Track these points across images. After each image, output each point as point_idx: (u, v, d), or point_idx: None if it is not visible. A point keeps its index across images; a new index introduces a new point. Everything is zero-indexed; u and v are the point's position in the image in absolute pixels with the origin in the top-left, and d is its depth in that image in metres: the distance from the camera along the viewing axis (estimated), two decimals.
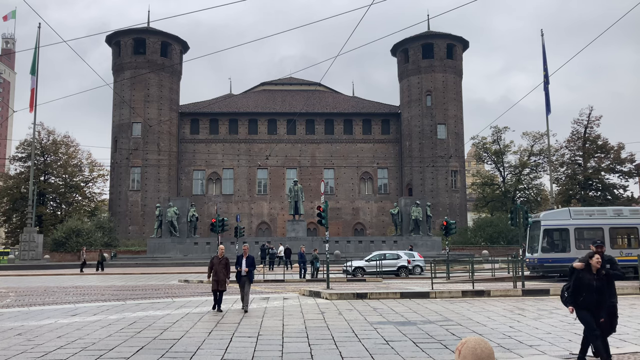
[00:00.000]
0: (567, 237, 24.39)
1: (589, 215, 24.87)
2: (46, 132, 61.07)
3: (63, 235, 50.98)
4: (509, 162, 62.37)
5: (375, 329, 11.38)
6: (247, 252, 14.54)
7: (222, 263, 14.09)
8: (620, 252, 23.98)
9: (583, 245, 24.35)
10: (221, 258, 14.18)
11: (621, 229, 24.97)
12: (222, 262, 14.11)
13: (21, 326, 11.94)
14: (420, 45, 62.60)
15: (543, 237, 24.65)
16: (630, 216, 24.83)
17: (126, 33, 60.41)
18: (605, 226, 24.32)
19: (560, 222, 24.68)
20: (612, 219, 24.54)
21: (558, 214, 25.82)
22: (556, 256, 23.88)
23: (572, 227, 24.12)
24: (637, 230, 24.44)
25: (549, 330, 11.12)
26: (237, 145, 64.16)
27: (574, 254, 23.59)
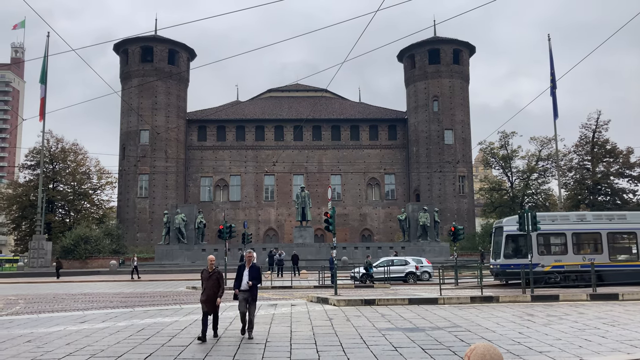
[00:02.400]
0: (529, 243, 24.01)
1: (551, 221, 24.27)
2: (55, 140, 61.54)
3: (72, 243, 51.20)
4: (516, 167, 62.11)
5: (384, 335, 11.34)
6: (251, 261, 11.33)
7: (212, 278, 10.99)
8: (584, 257, 23.65)
9: (546, 250, 24.15)
10: (211, 272, 11.09)
11: (584, 234, 24.43)
12: (212, 276, 11.01)
13: (30, 333, 11.99)
14: (426, 50, 62.62)
15: (506, 243, 24.35)
16: (593, 221, 24.30)
17: (134, 41, 60.85)
18: (568, 232, 23.84)
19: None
20: (576, 224, 24.04)
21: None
22: (518, 262, 23.50)
23: (535, 233, 23.33)
24: (601, 235, 23.89)
25: (559, 336, 11.03)
26: (244, 151, 64.33)
27: (536, 259, 23.44)
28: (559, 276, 23.43)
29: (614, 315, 14.15)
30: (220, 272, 11.15)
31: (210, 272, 11.09)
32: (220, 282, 11.01)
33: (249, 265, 11.23)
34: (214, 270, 11.13)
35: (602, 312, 15.00)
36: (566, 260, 23.44)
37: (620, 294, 18.79)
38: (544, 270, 23.45)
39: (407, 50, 64.05)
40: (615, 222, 24.49)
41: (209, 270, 11.13)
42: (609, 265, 23.13)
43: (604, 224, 24.17)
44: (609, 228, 24.09)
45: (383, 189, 64.70)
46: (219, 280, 11.02)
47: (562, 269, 23.36)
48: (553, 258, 23.56)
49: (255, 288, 11.14)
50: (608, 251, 23.76)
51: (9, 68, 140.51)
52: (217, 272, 11.10)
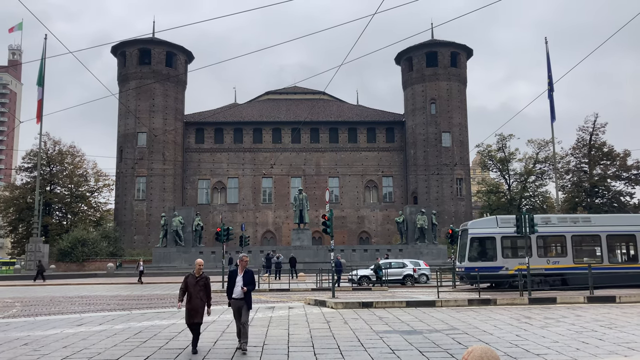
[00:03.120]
0: (494, 246, 23.93)
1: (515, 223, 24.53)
2: (52, 143, 61.45)
3: (69, 245, 51.10)
4: (514, 170, 62.22)
5: (381, 338, 11.33)
6: (245, 266, 10.15)
7: (199, 284, 9.86)
8: (548, 260, 23.64)
9: (510, 253, 24.07)
10: (199, 277, 9.94)
11: (549, 237, 24.38)
12: (199, 282, 9.88)
13: (27, 336, 11.95)
14: (424, 53, 62.73)
15: (470, 246, 24.29)
16: (558, 224, 24.25)
17: (131, 43, 60.83)
18: (532, 235, 23.57)
19: (487, 231, 24.17)
20: (540, 227, 23.77)
21: (486, 223, 25.27)
22: (483, 265, 23.49)
23: (499, 236, 23.66)
24: (565, 238, 23.85)
25: (556, 339, 11.04)
26: (242, 154, 64.31)
27: (501, 262, 23.56)
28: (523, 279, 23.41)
29: (611, 318, 14.17)
30: (208, 278, 10.02)
31: (197, 277, 9.88)
32: (208, 287, 9.89)
33: (243, 270, 10.08)
34: (202, 275, 9.98)
35: (600, 314, 15.02)
36: (531, 263, 23.13)
37: (617, 296, 18.82)
38: (508, 273, 23.40)
39: (404, 53, 64.15)
40: (580, 225, 24.46)
41: (195, 275, 9.90)
42: (573, 269, 23.06)
43: (569, 227, 24.09)
44: (573, 231, 24.03)
45: (381, 191, 64.72)
46: (207, 285, 9.86)
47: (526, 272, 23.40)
48: (517, 261, 23.44)
49: (249, 295, 10.07)
50: (572, 254, 23.66)
51: (6, 70, 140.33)
52: (205, 277, 9.96)
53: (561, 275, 23.49)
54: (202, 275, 10.02)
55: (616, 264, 23.61)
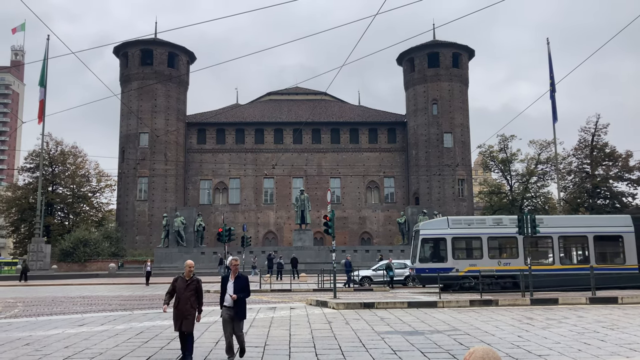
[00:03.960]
0: (445, 247, 23.77)
1: (467, 225, 24.07)
2: (54, 143, 61.56)
3: (71, 246, 51.17)
4: (516, 171, 62.15)
5: (383, 338, 11.33)
6: (236, 270, 9.14)
7: (190, 288, 8.80)
8: (499, 262, 23.50)
9: (461, 255, 23.95)
10: (189, 280, 8.87)
11: (500, 238, 24.14)
12: (190, 286, 8.82)
13: (29, 336, 11.97)
14: (426, 54, 62.70)
15: (421, 247, 24.18)
16: (509, 225, 23.88)
17: (134, 44, 60.89)
18: (483, 236, 23.61)
19: (438, 232, 24.01)
20: (491, 228, 23.78)
21: (437, 224, 25.06)
22: (433, 266, 23.41)
23: (450, 237, 23.49)
24: (517, 240, 23.51)
25: (558, 340, 11.03)
26: (243, 154, 64.33)
27: (451, 264, 23.43)
28: (473, 281, 23.23)
29: (613, 319, 14.15)
30: (200, 281, 8.98)
31: (187, 280, 8.85)
32: (200, 292, 8.85)
33: (235, 276, 9.05)
34: (192, 278, 8.92)
35: (601, 315, 15.00)
36: (481, 265, 23.22)
37: (619, 297, 18.79)
38: (458, 275, 23.32)
39: (406, 54, 64.12)
40: None
41: (185, 278, 8.87)
42: (525, 270, 22.78)
43: None
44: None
45: (382, 192, 64.69)
46: (198, 289, 8.82)
47: (477, 274, 23.05)
48: (468, 262, 23.36)
49: (242, 303, 8.99)
50: (524, 255, 23.41)
51: (9, 71, 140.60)
52: (196, 280, 8.90)
53: (512, 276, 23.25)
54: (193, 278, 8.94)
55: (568, 266, 23.33)
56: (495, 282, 23.28)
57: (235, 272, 9.09)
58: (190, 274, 8.97)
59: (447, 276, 23.39)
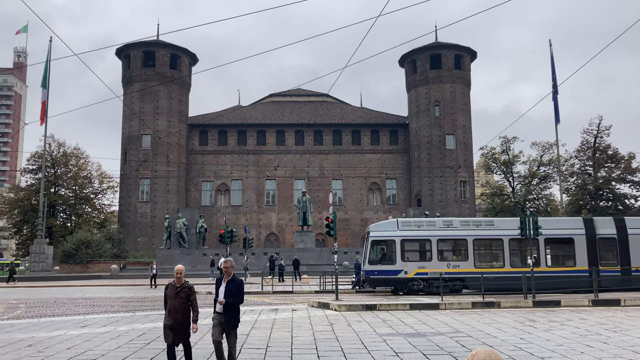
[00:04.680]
0: (394, 249, 23.57)
1: (417, 227, 23.87)
2: (57, 145, 61.67)
3: (73, 247, 51.23)
4: (518, 172, 62.08)
5: (385, 340, 11.32)
6: (230, 272, 8.29)
7: (180, 295, 8.02)
8: (448, 264, 23.36)
9: (410, 257, 23.76)
10: (179, 287, 8.07)
11: (450, 240, 23.96)
12: (180, 293, 8.03)
13: (31, 337, 11.98)
14: (428, 56, 62.69)
15: (371, 249, 23.99)
16: (460, 227, 23.84)
17: (136, 46, 61.01)
18: (433, 238, 23.43)
19: (387, 234, 23.83)
20: (441, 230, 23.59)
21: (387, 225, 24.88)
22: (382, 268, 23.32)
23: (399, 239, 23.31)
24: (467, 242, 23.45)
25: (561, 342, 11.00)
26: (245, 156, 64.38)
27: (400, 266, 23.24)
28: (422, 283, 23.15)
29: (616, 321, 14.12)
30: (192, 287, 8.12)
31: (178, 287, 8.06)
32: (192, 299, 8.02)
33: (228, 278, 8.25)
34: (183, 284, 8.09)
35: (604, 317, 14.96)
36: (430, 267, 23.08)
37: (622, 299, 18.75)
38: (407, 277, 23.18)
39: (408, 56, 64.13)
40: (482, 229, 24.08)
41: (175, 285, 8.07)
42: (475, 273, 22.72)
43: (471, 230, 23.68)
44: (475, 234, 23.65)
45: (384, 193, 64.68)
46: (190, 297, 8.00)
47: (425, 276, 23.08)
48: (417, 265, 23.21)
49: (234, 310, 8.13)
50: (474, 258, 23.35)
51: (11, 72, 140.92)
52: (188, 287, 8.08)
53: (462, 279, 23.17)
54: (184, 285, 8.08)
55: (519, 269, 22.99)
56: (444, 284, 22.99)
57: (228, 275, 8.27)
58: (181, 280, 8.13)
59: (395, 279, 23.38)
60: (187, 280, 8.22)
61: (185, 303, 7.98)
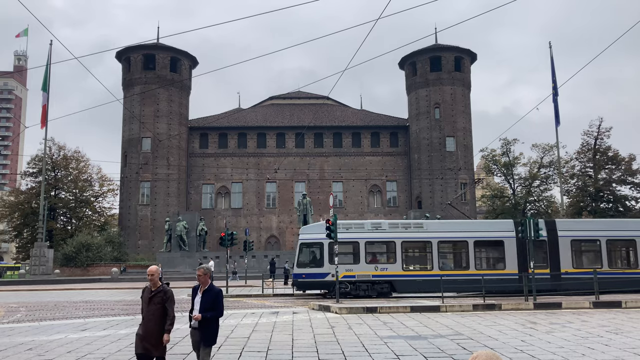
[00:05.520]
0: (322, 252, 23.51)
1: (346, 229, 23.51)
2: (57, 148, 61.63)
3: (73, 250, 51.19)
4: (518, 174, 61.99)
5: (386, 343, 11.30)
6: (206, 282, 7.32)
7: (154, 301, 7.07)
8: (376, 267, 23.24)
9: (338, 259, 23.37)
10: (155, 291, 7.10)
11: (378, 243, 23.79)
12: (154, 298, 7.08)
13: (32, 341, 11.97)
14: (428, 58, 62.74)
15: (300, 251, 23.99)
16: (389, 230, 23.73)
17: (136, 49, 61.06)
18: (361, 240, 23.28)
19: (316, 236, 23.65)
20: (370, 232, 23.46)
21: (316, 228, 24.69)
22: (310, 271, 23.28)
23: (327, 242, 23.06)
24: (395, 244, 23.31)
25: (562, 344, 10.98)
26: (246, 159, 64.39)
27: (327, 268, 23.13)
28: (349, 286, 23.04)
29: (617, 323, 14.09)
30: (168, 291, 7.08)
31: (153, 291, 7.07)
32: (168, 307, 7.02)
33: (204, 287, 7.25)
34: (159, 288, 7.07)
35: (605, 319, 14.94)
36: (358, 270, 22.99)
37: (623, 301, 18.72)
38: (334, 280, 22.80)
39: (408, 58, 64.18)
40: (411, 231, 23.91)
41: (151, 288, 7.11)
42: (403, 276, 22.69)
43: (400, 232, 23.53)
44: (404, 237, 23.53)
45: (385, 196, 64.66)
46: (165, 304, 7.01)
47: (353, 279, 22.98)
48: (344, 267, 23.04)
49: (209, 325, 7.15)
50: (402, 261, 23.21)
51: (11, 76, 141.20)
52: (164, 291, 7.04)
53: (390, 282, 23.07)
54: (160, 289, 7.08)
55: (448, 271, 23.01)
56: (372, 287, 23.07)
57: (204, 284, 7.25)
58: (157, 284, 7.12)
59: (322, 282, 23.34)
60: (167, 283, 7.28)
61: (159, 310, 6.98)
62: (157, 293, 7.05)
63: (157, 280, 7.13)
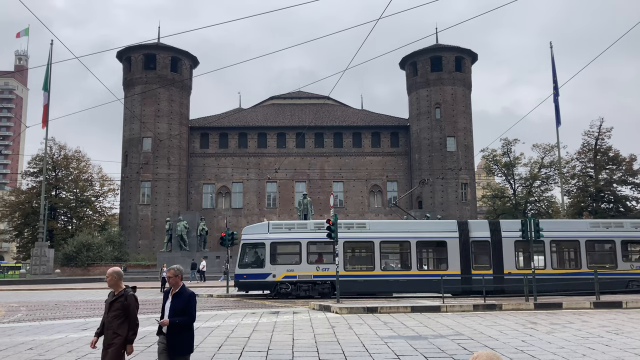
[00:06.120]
0: (263, 252, 23.43)
1: (288, 229, 23.64)
2: (57, 147, 61.67)
3: (74, 250, 51.21)
4: (519, 175, 62.00)
5: (386, 343, 11.30)
6: (177, 284, 6.53)
7: (115, 307, 6.39)
8: (317, 267, 23.21)
9: (279, 260, 23.48)
10: (117, 295, 6.48)
11: (320, 243, 23.67)
12: (115, 304, 6.41)
13: (32, 340, 11.98)
14: (428, 58, 62.72)
15: (242, 252, 23.91)
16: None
17: (137, 49, 61.07)
18: (303, 240, 23.28)
19: (258, 237, 23.72)
20: (313, 232, 23.46)
21: (258, 228, 24.66)
22: (251, 272, 23.20)
23: (268, 242, 23.16)
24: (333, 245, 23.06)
25: (563, 344, 10.98)
26: (246, 159, 64.40)
27: (268, 269, 23.11)
28: (290, 286, 23.02)
29: (618, 324, 14.09)
30: (131, 297, 6.41)
31: (115, 295, 6.45)
32: (130, 314, 6.34)
33: (176, 289, 6.49)
34: (122, 292, 6.43)
35: (606, 320, 14.93)
36: (299, 270, 22.98)
37: (624, 302, 18.71)
38: (275, 281, 23.02)
39: (409, 58, 64.16)
40: (353, 231, 23.84)
41: (114, 292, 6.50)
42: (345, 276, 22.61)
43: (342, 233, 23.27)
44: (347, 237, 23.39)
45: (385, 196, 64.64)
46: (126, 311, 6.32)
47: (294, 279, 22.92)
48: (286, 268, 23.02)
49: (179, 332, 6.31)
50: (344, 260, 23.12)
51: (12, 76, 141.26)
52: (126, 296, 6.37)
53: (332, 282, 22.92)
54: (122, 293, 6.41)
55: (390, 272, 22.93)
56: (313, 287, 23.01)
57: (175, 287, 6.47)
58: (120, 288, 6.44)
59: (263, 282, 23.30)
60: (133, 287, 6.55)
61: (119, 317, 6.26)
62: (118, 298, 6.37)
63: (119, 284, 6.46)
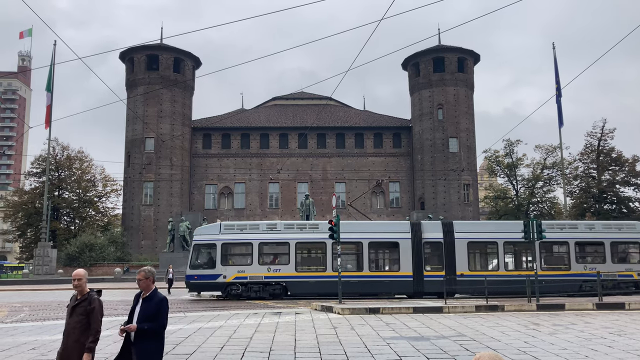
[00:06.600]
0: (214, 253, 23.34)
1: (240, 230, 23.62)
2: (60, 148, 61.81)
3: (76, 250, 51.30)
4: (521, 176, 61.91)
5: (388, 344, 11.29)
6: (148, 287, 5.98)
7: (77, 312, 5.91)
8: (269, 268, 23.13)
9: (230, 261, 23.40)
10: (80, 299, 5.96)
11: (272, 244, 23.75)
12: (77, 308, 5.93)
13: (35, 340, 12.00)
14: (431, 59, 62.69)
15: (193, 252, 23.83)
16: (283, 231, 23.67)
17: (140, 49, 61.18)
18: (255, 241, 23.25)
19: (209, 237, 23.64)
20: (264, 233, 23.46)
21: (210, 229, 24.65)
22: (202, 273, 23.13)
23: (220, 243, 23.09)
24: (289, 245, 23.24)
25: (565, 345, 10.96)
26: (248, 159, 64.44)
27: (219, 270, 23.04)
28: (240, 287, 22.96)
29: (621, 325, 14.06)
30: (95, 301, 5.90)
31: (78, 299, 5.97)
32: (93, 320, 5.82)
33: (147, 293, 5.95)
34: (86, 296, 5.95)
35: (609, 321, 14.90)
36: (250, 271, 22.95)
37: (626, 303, 18.67)
38: (225, 282, 22.92)
39: (411, 59, 64.14)
40: (306, 232, 23.83)
41: (77, 296, 6.00)
42: (296, 277, 22.56)
43: (294, 233, 23.41)
44: (298, 238, 23.41)
45: (388, 196, 64.61)
46: (89, 316, 5.83)
47: (245, 280, 22.88)
48: (237, 268, 22.94)
49: (148, 339, 5.72)
50: (295, 262, 23.08)
51: (15, 76, 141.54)
52: (89, 300, 5.90)
53: (283, 283, 23.01)
54: (86, 297, 5.94)
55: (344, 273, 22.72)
56: (264, 288, 22.96)
57: (146, 290, 5.94)
58: (84, 291, 5.99)
59: (214, 283, 23.22)
60: (98, 291, 6.10)
61: (82, 322, 5.81)
62: (81, 302, 5.88)
63: (84, 287, 5.98)
